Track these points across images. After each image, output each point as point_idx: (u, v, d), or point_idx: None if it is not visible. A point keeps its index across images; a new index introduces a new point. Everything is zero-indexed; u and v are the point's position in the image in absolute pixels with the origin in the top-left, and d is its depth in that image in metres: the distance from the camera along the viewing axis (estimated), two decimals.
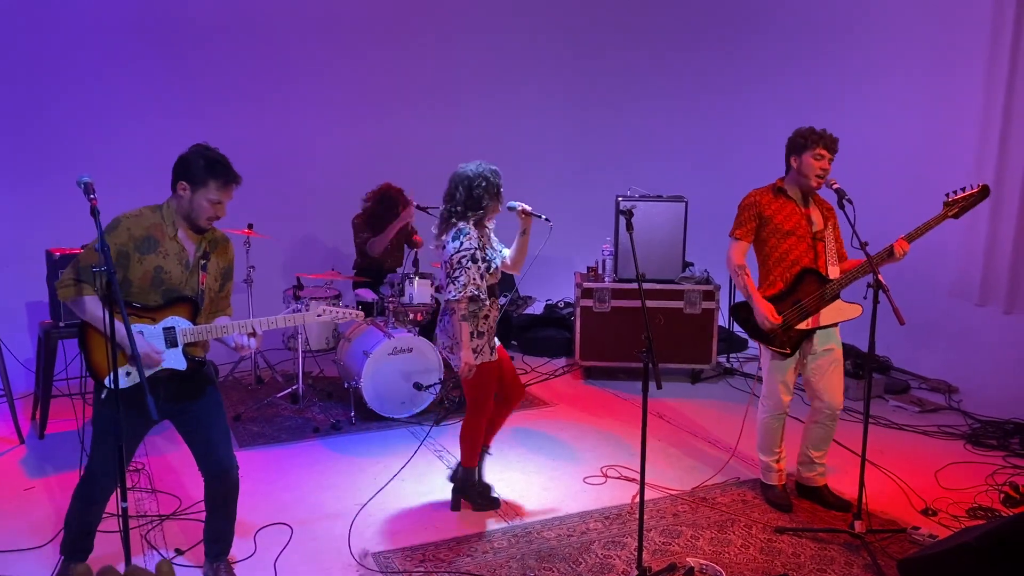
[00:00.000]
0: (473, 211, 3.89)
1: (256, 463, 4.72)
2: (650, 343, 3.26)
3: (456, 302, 3.82)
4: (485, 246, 3.92)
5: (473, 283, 3.82)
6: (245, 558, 3.62)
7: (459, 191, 3.91)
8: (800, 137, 4.00)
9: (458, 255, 3.82)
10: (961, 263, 6.31)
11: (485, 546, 3.78)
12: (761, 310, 3.98)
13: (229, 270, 3.38)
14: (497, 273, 4.00)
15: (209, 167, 3.09)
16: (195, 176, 3.09)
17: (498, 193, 3.94)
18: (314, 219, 7.41)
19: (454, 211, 3.93)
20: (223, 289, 3.35)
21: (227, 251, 3.36)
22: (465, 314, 3.85)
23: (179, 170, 3.13)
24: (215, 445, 3.27)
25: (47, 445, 4.96)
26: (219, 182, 3.10)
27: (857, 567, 3.58)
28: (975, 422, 5.43)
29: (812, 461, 4.22)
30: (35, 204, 6.14)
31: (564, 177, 8.25)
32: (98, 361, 3.09)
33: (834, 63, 7.23)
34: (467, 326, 3.85)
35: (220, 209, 3.15)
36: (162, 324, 3.11)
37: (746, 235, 4.11)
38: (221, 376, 6.22)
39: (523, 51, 8.11)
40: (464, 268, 3.81)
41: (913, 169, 6.52)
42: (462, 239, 3.84)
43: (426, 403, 5.55)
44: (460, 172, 3.95)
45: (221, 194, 3.12)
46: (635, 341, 3.61)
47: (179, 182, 3.12)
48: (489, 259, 3.91)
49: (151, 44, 6.72)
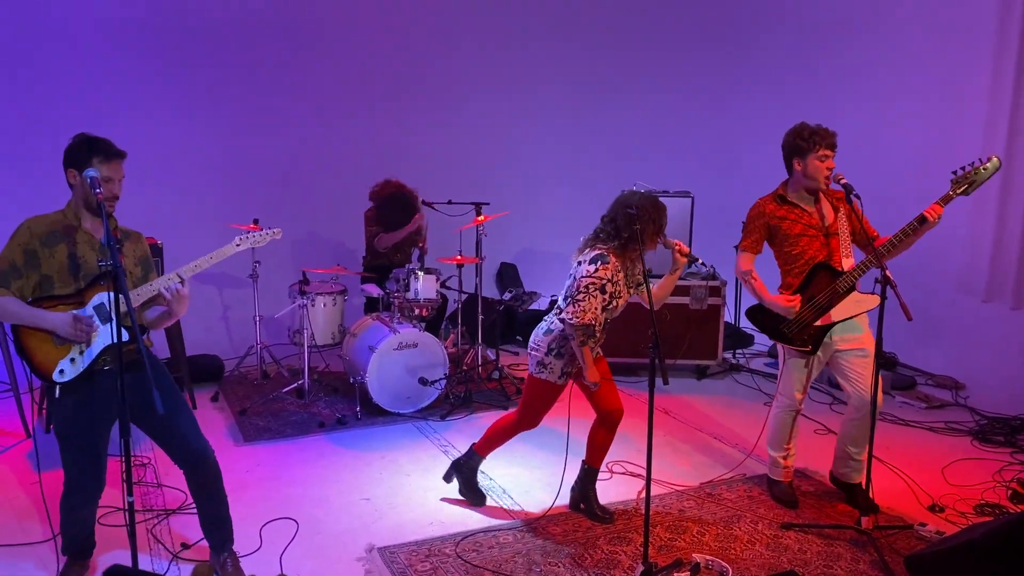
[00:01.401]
0: (630, 242, 3.69)
1: (262, 457, 4.73)
2: (656, 338, 3.25)
3: (572, 327, 3.68)
4: (620, 281, 3.75)
5: (592, 312, 3.67)
6: (251, 552, 3.63)
7: (619, 217, 3.73)
8: (800, 140, 3.94)
9: (588, 279, 3.67)
10: (968, 258, 6.29)
11: (491, 541, 3.78)
12: (776, 302, 3.96)
13: (147, 259, 3.36)
14: (618, 311, 3.83)
15: (89, 146, 3.08)
16: (79, 158, 3.08)
17: (659, 231, 3.74)
18: (320, 215, 7.41)
19: (610, 235, 3.75)
20: (147, 278, 3.30)
21: (140, 242, 3.36)
22: (583, 339, 3.71)
23: (66, 160, 3.13)
24: (185, 435, 3.25)
25: (53, 439, 4.90)
26: (100, 156, 3.08)
27: (864, 563, 3.57)
28: (982, 418, 5.41)
29: (851, 457, 4.14)
30: (40, 199, 6.14)
31: (570, 171, 8.24)
32: (40, 360, 3.07)
33: (842, 59, 7.21)
34: (587, 349, 3.74)
35: (114, 186, 3.12)
36: (91, 304, 3.12)
37: (751, 247, 4.10)
38: (227, 371, 6.23)
39: (529, 46, 8.09)
40: (588, 295, 3.66)
41: (920, 165, 6.49)
42: (599, 264, 3.68)
43: (431, 398, 5.55)
44: (624, 198, 3.76)
45: (108, 170, 3.09)
46: (640, 337, 3.61)
47: (68, 171, 3.12)
48: (616, 296, 3.74)
49: (157, 43, 6.73)
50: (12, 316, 3.05)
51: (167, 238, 5.56)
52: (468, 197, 6.24)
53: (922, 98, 6.57)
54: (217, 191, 7.00)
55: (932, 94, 6.51)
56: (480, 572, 3.49)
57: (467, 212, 6.27)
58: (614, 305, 3.78)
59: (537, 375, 3.89)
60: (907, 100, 6.68)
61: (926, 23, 6.53)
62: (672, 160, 8.03)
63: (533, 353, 3.91)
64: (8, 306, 3.04)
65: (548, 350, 3.84)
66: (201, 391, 5.82)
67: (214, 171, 7.03)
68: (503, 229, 6.95)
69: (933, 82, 6.50)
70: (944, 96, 6.41)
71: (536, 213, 7.83)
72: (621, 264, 3.76)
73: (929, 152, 6.46)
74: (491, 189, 6.83)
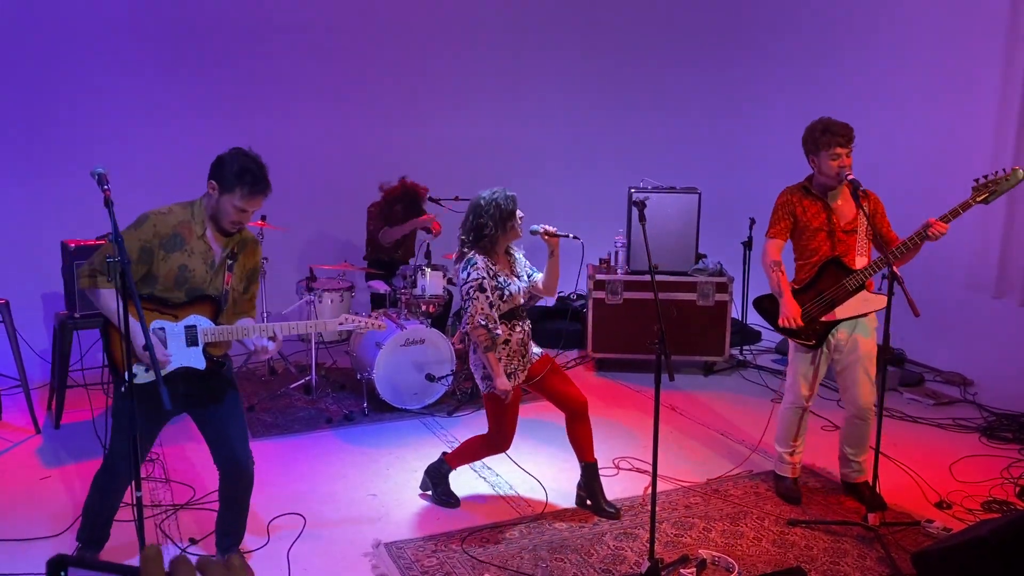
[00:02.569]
0: (481, 239, 3.84)
1: (269, 454, 4.75)
2: (663, 335, 3.25)
3: (472, 332, 3.78)
4: (499, 273, 3.84)
5: (481, 312, 3.75)
6: (258, 548, 3.64)
7: (469, 218, 3.88)
8: (812, 136, 3.94)
9: (466, 286, 3.79)
10: (977, 255, 6.26)
11: (497, 536, 3.79)
12: (787, 311, 3.95)
13: (255, 272, 3.37)
14: (517, 298, 3.90)
15: (239, 174, 3.06)
16: (225, 179, 3.07)
17: (508, 219, 3.81)
18: (326, 212, 7.42)
19: (465, 240, 3.90)
20: (247, 291, 3.34)
21: (255, 253, 3.35)
22: (488, 343, 3.77)
23: (213, 170, 3.12)
24: (232, 441, 3.28)
25: (63, 435, 5.00)
26: (245, 190, 3.07)
27: (871, 560, 3.57)
28: (990, 415, 5.39)
29: (848, 459, 4.17)
30: (51, 196, 6.19)
31: (576, 168, 8.23)
32: (119, 356, 3.10)
33: (851, 58, 7.18)
34: (492, 355, 3.78)
35: (245, 217, 3.13)
36: (184, 322, 3.12)
37: (780, 233, 4.08)
38: (235, 368, 6.24)
39: (538, 45, 8.08)
40: (472, 299, 3.77)
41: (932, 157, 6.46)
42: (469, 269, 3.80)
43: (438, 394, 5.56)
44: (475, 200, 3.89)
45: (247, 202, 3.09)
46: (647, 333, 3.60)
47: (210, 181, 3.12)
48: (502, 286, 3.83)
49: (165, 42, 6.75)
50: (106, 311, 3.06)
51: None
52: (474, 193, 6.23)
53: (932, 97, 6.54)
54: None
55: (942, 92, 6.47)
56: (486, 567, 3.50)
57: None
58: (508, 294, 3.84)
59: (486, 391, 3.89)
60: (917, 99, 6.64)
61: (936, 21, 6.50)
62: (679, 157, 8.01)
63: (475, 373, 3.95)
64: (105, 298, 3.04)
65: (484, 365, 3.86)
66: None
67: None
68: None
69: (943, 81, 6.46)
70: (954, 95, 6.38)
71: (543, 210, 7.78)
72: (494, 259, 3.86)
73: (939, 152, 6.43)
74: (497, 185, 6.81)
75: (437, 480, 4.18)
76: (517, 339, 3.89)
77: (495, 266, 3.85)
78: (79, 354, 5.31)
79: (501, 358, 3.82)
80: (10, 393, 5.42)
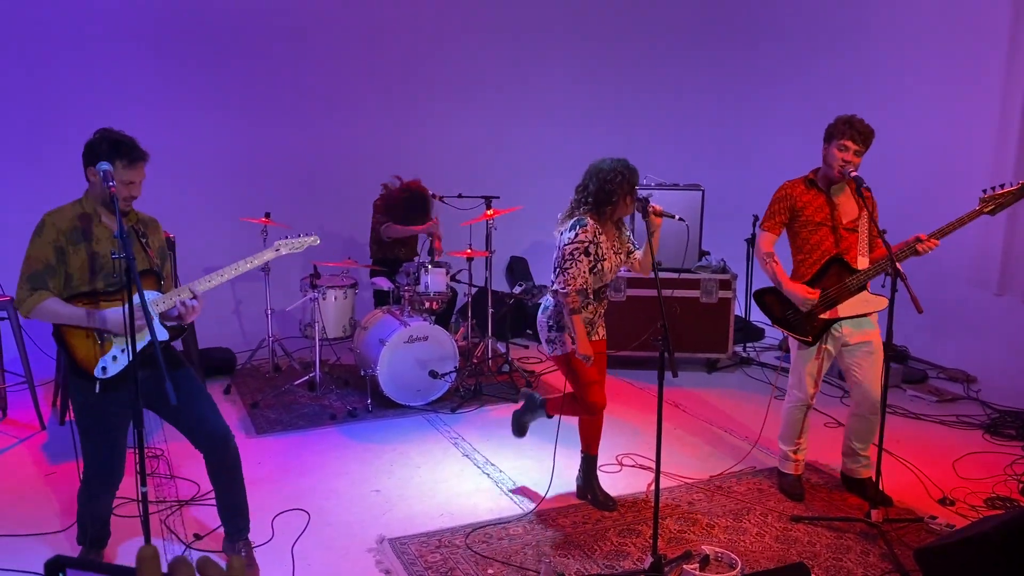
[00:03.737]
0: (602, 204, 3.73)
1: (274, 449, 4.76)
2: (666, 331, 3.25)
3: (564, 295, 3.70)
4: (603, 243, 3.76)
5: (582, 276, 3.68)
6: (262, 543, 3.66)
7: (591, 182, 3.77)
8: (832, 125, 3.93)
9: (570, 246, 3.70)
10: (980, 252, 6.25)
11: (500, 532, 3.80)
12: (794, 291, 3.94)
13: (163, 249, 3.37)
14: (607, 276, 3.83)
15: (113, 148, 3.05)
16: (100, 159, 3.04)
17: (632, 190, 3.73)
18: (330, 209, 7.43)
19: (583, 201, 3.79)
20: (163, 269, 3.33)
21: (158, 230, 3.37)
22: (576, 307, 3.71)
23: (86, 157, 3.10)
24: (205, 417, 3.28)
25: (68, 431, 4.99)
26: (124, 161, 3.06)
27: (873, 556, 3.57)
28: (993, 412, 5.39)
29: (856, 453, 4.17)
30: (56, 192, 6.19)
31: (579, 165, 8.19)
32: (82, 356, 3.10)
33: (856, 54, 7.16)
34: (579, 318, 3.72)
35: (134, 188, 3.11)
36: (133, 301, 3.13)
37: (774, 227, 4.08)
38: (239, 365, 6.27)
39: (541, 41, 8.08)
40: (575, 260, 3.68)
41: (934, 160, 6.46)
42: (577, 230, 3.70)
43: (442, 391, 5.57)
44: (596, 164, 3.80)
45: (130, 173, 3.08)
46: (651, 330, 3.61)
47: (88, 168, 3.10)
48: (600, 259, 3.74)
49: (170, 39, 6.76)
50: (56, 316, 3.05)
51: (179, 231, 5.59)
52: (479, 191, 6.25)
53: (935, 99, 6.52)
54: (229, 185, 7.04)
55: (945, 95, 6.46)
56: (490, 563, 3.51)
57: (477, 206, 6.28)
58: (600, 268, 3.77)
59: (554, 354, 3.92)
60: (920, 100, 6.62)
61: (940, 24, 6.48)
62: (683, 153, 8.01)
63: (543, 338, 3.96)
64: (51, 307, 3.04)
65: (550, 327, 3.89)
66: (213, 384, 5.85)
67: (226, 166, 7.07)
68: (513, 223, 6.95)
69: (946, 83, 6.45)
70: (957, 99, 6.36)
71: (546, 207, 7.79)
72: (602, 227, 3.78)
73: (941, 155, 6.42)
74: (502, 183, 6.83)
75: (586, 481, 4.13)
76: (585, 318, 3.84)
77: (601, 235, 3.77)
78: None
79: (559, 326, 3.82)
80: (16, 390, 5.44)
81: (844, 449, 4.24)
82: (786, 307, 4.03)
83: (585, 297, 3.78)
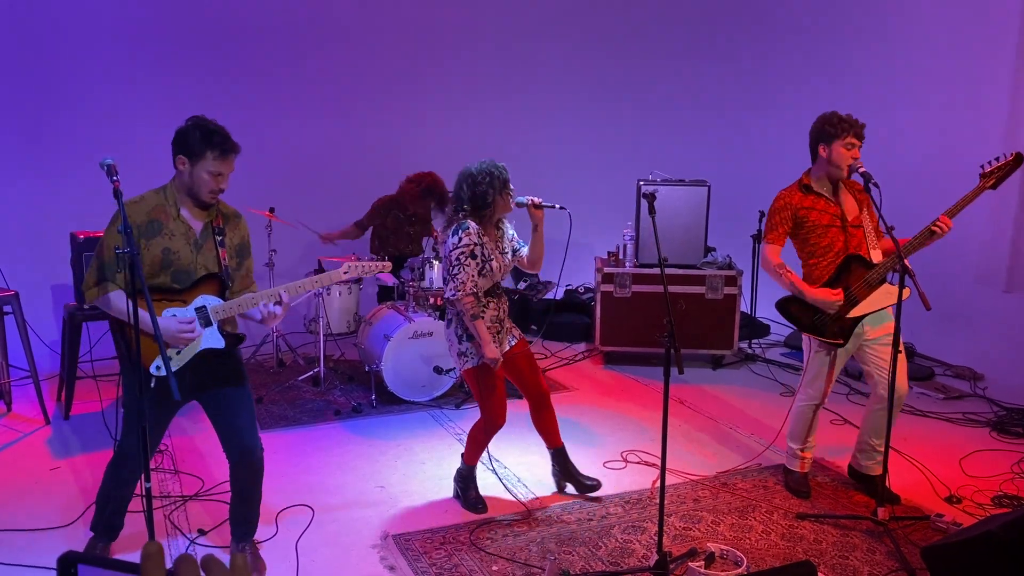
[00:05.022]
0: (480, 208, 3.78)
1: (278, 445, 4.76)
2: (672, 327, 3.24)
3: (458, 300, 3.73)
4: (487, 244, 3.79)
5: (471, 280, 3.71)
6: (266, 539, 3.65)
7: (463, 188, 3.81)
8: (828, 125, 3.89)
9: (456, 251, 3.73)
10: (988, 249, 6.22)
11: (505, 529, 3.79)
12: (818, 296, 3.87)
13: (244, 246, 3.33)
14: (496, 275, 3.86)
15: (206, 138, 3.03)
16: (192, 148, 3.03)
17: (504, 187, 3.79)
18: (335, 205, 7.40)
19: (460, 209, 3.83)
20: (242, 267, 3.31)
21: (239, 226, 3.32)
22: (476, 311, 3.74)
23: (177, 144, 3.08)
24: (242, 430, 3.28)
25: (72, 426, 5.02)
26: (216, 152, 3.04)
27: (880, 554, 3.56)
28: (1000, 409, 5.36)
29: (873, 449, 4.11)
30: (60, 187, 6.20)
31: (584, 161, 8.21)
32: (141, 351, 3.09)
33: (860, 49, 7.13)
34: (481, 323, 3.74)
35: (222, 181, 3.09)
36: (193, 305, 3.11)
37: (778, 239, 4.02)
38: (244, 359, 6.25)
39: (546, 40, 8.04)
40: (462, 265, 3.71)
41: (939, 161, 6.42)
42: (460, 234, 3.74)
43: (446, 387, 5.56)
44: (465, 170, 3.85)
45: (220, 165, 3.06)
46: (656, 326, 3.60)
47: (178, 156, 3.08)
48: (486, 259, 3.77)
49: (177, 39, 6.74)
50: (118, 313, 3.03)
51: None
52: None
53: (941, 95, 6.48)
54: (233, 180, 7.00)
55: (952, 91, 6.42)
56: (494, 559, 3.50)
57: None
58: (489, 268, 3.78)
59: (464, 368, 3.88)
60: (926, 97, 6.58)
61: (947, 19, 6.45)
62: (688, 150, 7.98)
63: (453, 352, 3.92)
64: (115, 302, 3.02)
65: (459, 338, 3.85)
66: None
67: None
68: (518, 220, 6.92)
69: (953, 79, 6.41)
70: (964, 95, 6.32)
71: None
72: (484, 229, 3.80)
73: (947, 151, 6.38)
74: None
75: (464, 485, 4.09)
76: (491, 315, 3.85)
77: (484, 236, 3.80)
78: (88, 345, 5.34)
79: (466, 335, 3.80)
80: (20, 384, 5.45)
81: (859, 444, 4.19)
82: (813, 313, 3.95)
83: (478, 300, 3.77)
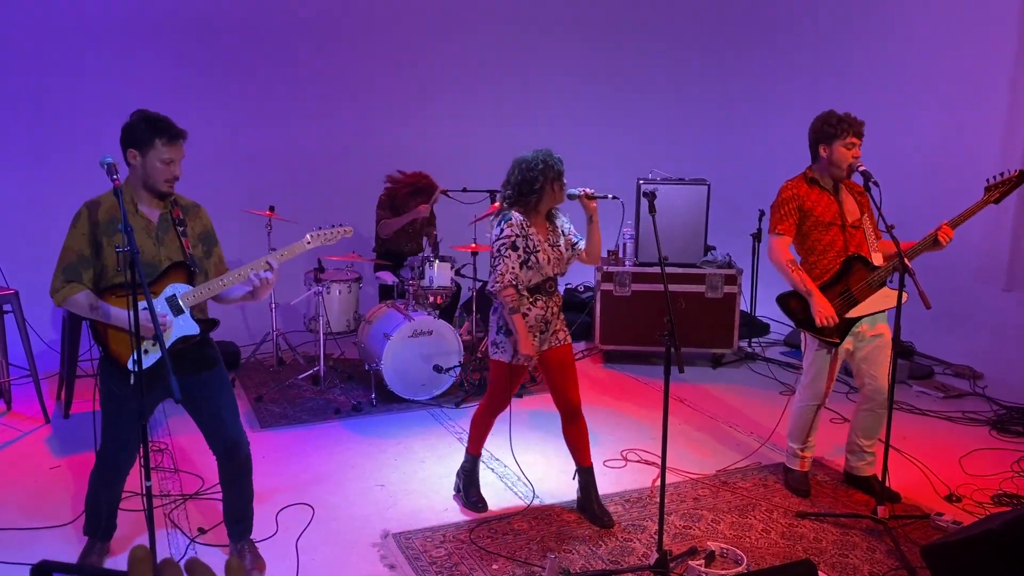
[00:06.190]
0: (526, 195, 3.66)
1: (278, 444, 4.76)
2: (672, 326, 3.24)
3: (498, 292, 3.62)
4: (532, 237, 3.65)
5: (511, 272, 3.60)
6: (267, 538, 3.65)
7: (515, 173, 3.71)
8: (828, 125, 3.87)
9: (497, 242, 3.63)
10: (987, 248, 6.22)
11: (505, 528, 3.79)
12: (821, 309, 3.84)
13: (208, 234, 3.33)
14: (544, 269, 3.69)
15: (152, 126, 3.04)
16: (140, 139, 3.03)
17: (557, 178, 3.66)
18: (334, 203, 7.40)
19: (508, 195, 3.73)
20: (211, 255, 3.30)
21: (199, 215, 3.32)
22: (515, 304, 3.61)
23: (125, 139, 3.08)
24: (224, 421, 3.27)
25: (72, 425, 5.02)
26: (164, 138, 3.04)
27: (880, 553, 3.56)
28: (1000, 408, 5.37)
29: (862, 450, 4.13)
30: (60, 185, 6.20)
31: (585, 160, 8.19)
32: (116, 348, 3.09)
33: (861, 48, 7.13)
34: (519, 317, 3.62)
35: (175, 167, 3.09)
36: (163, 295, 3.11)
37: (788, 229, 3.96)
38: (243, 358, 6.26)
39: (547, 36, 8.04)
40: (502, 256, 3.61)
41: (940, 160, 6.42)
42: (503, 225, 3.64)
43: (446, 385, 5.56)
44: (518, 157, 3.74)
45: (171, 151, 3.06)
46: (655, 325, 3.58)
47: (128, 151, 3.07)
48: (531, 251, 3.63)
49: (177, 37, 6.75)
50: (86, 311, 3.04)
51: None
52: (483, 185, 6.23)
53: (942, 94, 6.48)
54: (233, 179, 7.02)
55: (952, 91, 6.42)
56: (495, 558, 3.50)
57: (482, 200, 6.26)
58: (535, 261, 3.66)
59: (492, 356, 3.82)
60: (927, 96, 6.58)
61: (948, 19, 6.44)
62: (688, 149, 7.98)
63: (490, 340, 3.86)
64: (83, 301, 3.03)
65: (497, 328, 3.78)
66: None
67: (230, 160, 7.04)
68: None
69: (953, 79, 6.41)
70: (964, 94, 6.32)
71: None
72: (531, 220, 3.70)
73: (947, 151, 6.39)
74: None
75: (466, 481, 4.05)
76: (536, 315, 3.71)
77: (530, 227, 3.69)
78: (88, 344, 5.33)
79: (505, 329, 3.71)
80: (20, 383, 5.45)
81: (849, 446, 4.21)
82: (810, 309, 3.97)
83: (519, 293, 3.66)
